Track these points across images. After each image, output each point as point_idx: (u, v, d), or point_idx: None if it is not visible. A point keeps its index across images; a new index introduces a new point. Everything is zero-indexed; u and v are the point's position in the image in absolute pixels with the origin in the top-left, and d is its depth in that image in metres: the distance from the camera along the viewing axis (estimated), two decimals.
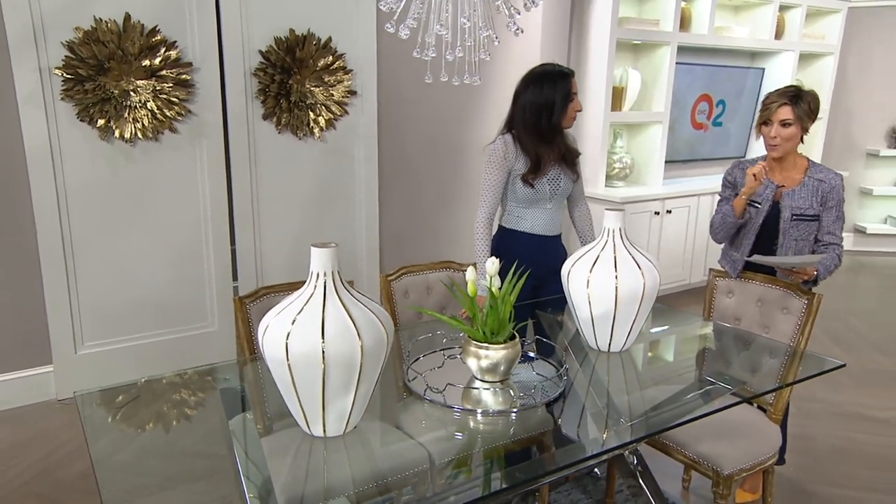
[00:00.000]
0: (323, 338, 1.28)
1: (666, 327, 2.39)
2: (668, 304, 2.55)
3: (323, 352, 1.27)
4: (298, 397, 1.33)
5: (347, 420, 1.38)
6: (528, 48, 4.07)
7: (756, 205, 2.35)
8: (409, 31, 1.40)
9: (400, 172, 3.90)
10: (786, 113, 2.21)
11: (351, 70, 3.48)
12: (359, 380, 1.33)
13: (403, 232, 4.01)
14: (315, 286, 1.34)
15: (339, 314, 1.31)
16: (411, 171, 3.96)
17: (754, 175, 2.22)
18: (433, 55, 1.43)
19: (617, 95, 4.49)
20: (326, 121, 3.47)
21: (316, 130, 3.46)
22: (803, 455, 2.68)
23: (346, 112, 3.53)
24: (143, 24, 2.89)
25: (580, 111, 2.36)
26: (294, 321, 1.31)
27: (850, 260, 5.85)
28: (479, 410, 1.58)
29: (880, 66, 5.99)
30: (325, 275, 1.34)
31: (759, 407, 2.15)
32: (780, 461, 2.30)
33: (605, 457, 1.88)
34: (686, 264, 4.75)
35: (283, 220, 3.50)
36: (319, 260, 1.34)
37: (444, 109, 3.99)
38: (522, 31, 1.45)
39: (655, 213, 4.48)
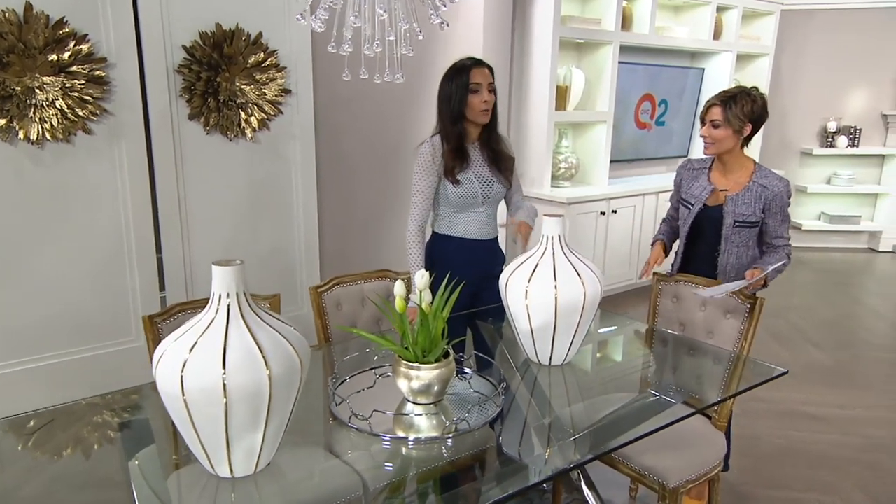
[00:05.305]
0: (224, 368, 1.13)
1: (611, 329, 2.32)
2: (614, 305, 2.49)
3: (224, 384, 1.12)
4: (198, 436, 1.18)
5: (258, 458, 1.24)
6: (470, 47, 3.97)
7: (688, 205, 2.31)
8: (322, 22, 1.26)
9: (340, 175, 3.74)
10: (715, 114, 2.19)
11: (284, 67, 3.30)
12: (268, 414, 1.18)
13: (345, 237, 3.85)
14: (217, 309, 1.19)
15: (243, 341, 1.16)
16: (352, 173, 3.80)
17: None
18: (350, 50, 1.30)
19: (561, 95, 4.44)
20: (259, 121, 3.28)
21: (248, 131, 3.26)
22: (747, 457, 2.67)
23: (281, 112, 3.35)
24: (47, 15, 2.64)
25: (487, 101, 2.15)
26: (192, 349, 1.15)
27: None
28: (411, 438, 1.45)
29: (812, 67, 6.17)
30: (227, 296, 1.19)
31: (704, 414, 2.10)
32: (725, 467, 2.26)
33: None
34: (632, 264, 4.75)
35: (214, 226, 3.29)
36: (222, 280, 1.19)
37: (385, 109, 3.85)
38: (448, 25, 1.34)
39: (601, 213, 4.46)
